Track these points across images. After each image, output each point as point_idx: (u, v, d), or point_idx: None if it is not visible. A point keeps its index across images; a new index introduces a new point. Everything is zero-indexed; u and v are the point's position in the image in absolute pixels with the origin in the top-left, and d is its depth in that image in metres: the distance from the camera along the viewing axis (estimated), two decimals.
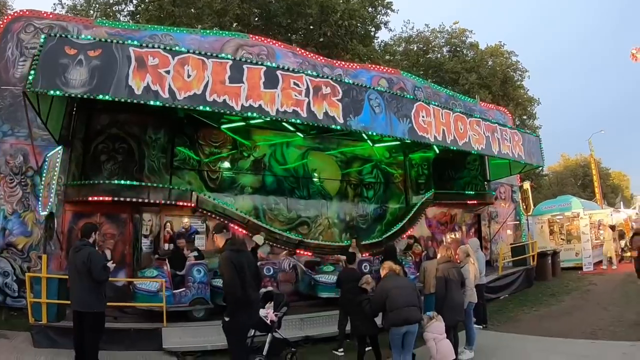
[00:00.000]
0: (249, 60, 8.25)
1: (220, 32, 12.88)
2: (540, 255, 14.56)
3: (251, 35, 12.13)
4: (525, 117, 29.73)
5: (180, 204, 9.74)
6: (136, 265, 9.59)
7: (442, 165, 14.89)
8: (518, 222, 17.00)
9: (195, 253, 8.85)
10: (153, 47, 7.40)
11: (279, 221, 11.58)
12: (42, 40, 6.94)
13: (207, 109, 7.53)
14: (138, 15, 19.21)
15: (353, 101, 8.87)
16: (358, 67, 13.54)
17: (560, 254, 16.16)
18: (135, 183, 9.54)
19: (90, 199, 9.08)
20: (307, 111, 8.23)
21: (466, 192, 14.47)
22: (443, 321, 6.17)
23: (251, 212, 11.25)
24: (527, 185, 15.46)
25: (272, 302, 7.17)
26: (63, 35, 7.30)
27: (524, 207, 15.10)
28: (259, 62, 8.33)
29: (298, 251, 10.42)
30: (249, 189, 11.55)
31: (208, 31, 12.19)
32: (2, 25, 9.59)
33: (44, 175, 7.89)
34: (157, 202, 9.50)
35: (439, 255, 7.15)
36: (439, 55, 29.11)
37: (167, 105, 7.33)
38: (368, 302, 6.40)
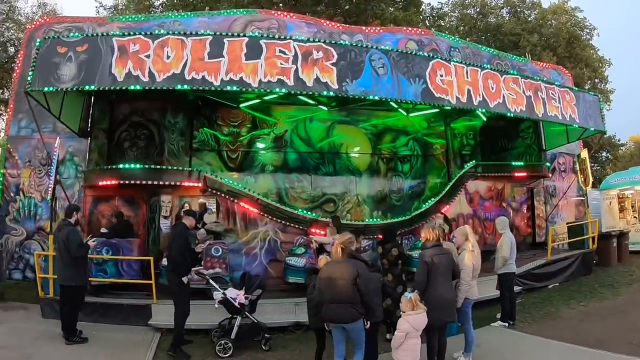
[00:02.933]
0: (230, 34, 7.94)
1: (228, 11, 12.61)
2: (603, 236, 12.42)
3: (260, 10, 11.77)
4: (596, 79, 26.26)
5: (187, 184, 9.70)
6: (152, 245, 9.96)
7: (494, 135, 13.32)
8: (582, 198, 14.49)
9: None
10: (134, 34, 7.59)
11: (302, 199, 11.14)
12: (38, 44, 7.62)
13: (185, 87, 7.55)
14: (167, 3, 19.62)
15: (351, 64, 8.11)
16: (382, 30, 12.48)
17: (630, 235, 13.61)
18: (144, 166, 9.76)
19: (100, 183, 9.52)
20: (295, 79, 7.74)
21: (513, 162, 12.68)
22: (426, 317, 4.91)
23: (272, 190, 11.00)
24: (584, 153, 13.03)
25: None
26: (55, 37, 7.83)
27: (582, 179, 12.83)
28: (242, 34, 7.98)
29: (313, 230, 9.84)
30: (270, 167, 11.25)
31: (215, 12, 12.07)
32: (27, 34, 10.56)
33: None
34: (167, 184, 9.59)
35: (422, 238, 5.71)
36: (498, 18, 26.67)
37: (146, 88, 7.47)
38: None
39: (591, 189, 17.62)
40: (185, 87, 7.49)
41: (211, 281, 7.11)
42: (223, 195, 9.95)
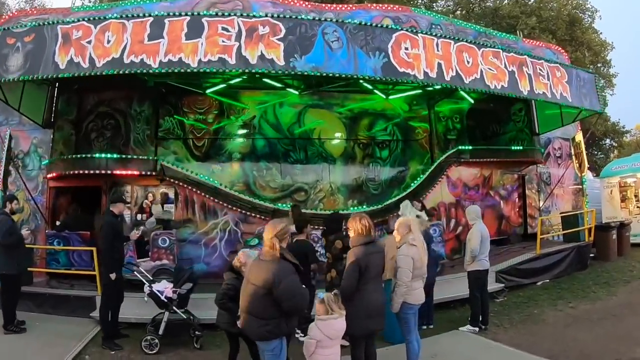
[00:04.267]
0: (172, 14, 7.45)
1: None
2: (600, 228, 11.43)
3: None
4: (599, 64, 24.80)
5: (145, 174, 9.31)
6: None
7: (485, 119, 12.49)
8: (580, 186, 13.35)
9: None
10: (78, 21, 7.31)
11: (271, 188, 10.54)
12: None
13: (125, 71, 7.13)
14: None
15: (300, 38, 7.42)
16: (355, 7, 11.76)
17: (632, 227, 12.58)
18: (100, 156, 9.40)
19: (60, 174, 9.29)
20: (237, 57, 7.14)
21: (501, 147, 11.70)
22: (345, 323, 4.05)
23: (240, 179, 10.48)
24: (579, 136, 11.96)
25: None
26: (4, 29, 7.63)
27: (577, 164, 11.79)
28: (185, 13, 7.47)
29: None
30: (237, 154, 10.68)
31: None
32: None
33: None
34: (124, 173, 9.26)
35: (351, 233, 4.54)
36: (496, 1, 25.41)
37: (86, 74, 7.13)
38: None
39: (593, 178, 16.51)
40: (125, 71, 7.08)
41: (137, 273, 6.69)
42: (181, 184, 9.46)
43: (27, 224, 9.45)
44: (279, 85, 10.28)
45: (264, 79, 9.79)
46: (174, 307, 6.21)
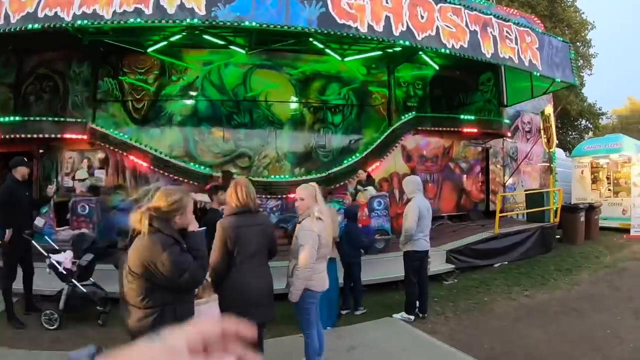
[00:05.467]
0: None
1: None
2: (568, 209, 10.78)
3: None
4: (578, 43, 23.86)
5: (74, 137, 8.76)
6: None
7: (451, 88, 11.81)
8: (549, 164, 12.70)
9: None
10: None
11: (213, 153, 9.89)
12: None
13: (37, 26, 6.67)
14: None
15: None
16: None
17: (602, 209, 11.99)
18: (23, 119, 8.83)
19: None
20: (154, 7, 6.54)
21: (462, 116, 10.92)
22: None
23: (179, 143, 9.84)
24: (549, 109, 11.20)
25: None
26: None
27: (545, 139, 11.10)
28: None
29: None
30: (178, 117, 10.00)
31: None
32: None
33: None
34: (51, 136, 8.71)
35: (224, 200, 4.01)
36: None
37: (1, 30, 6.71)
38: None
39: (565, 157, 15.88)
40: (37, 26, 6.61)
41: (34, 243, 6.11)
42: (111, 148, 8.87)
43: None
44: (221, 42, 9.56)
45: (205, 36, 9.13)
46: (73, 280, 5.68)
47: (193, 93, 10.19)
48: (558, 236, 10.65)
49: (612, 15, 74.75)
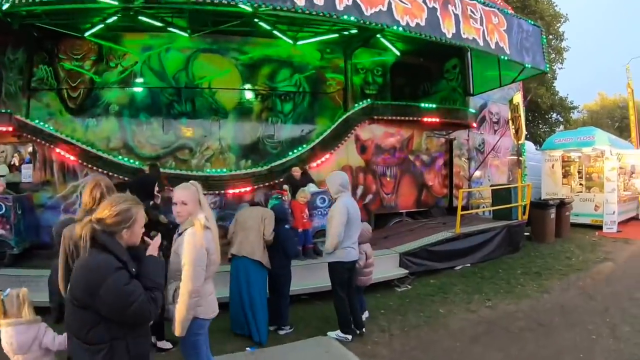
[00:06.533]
0: None
1: None
2: (537, 205, 10.15)
3: None
4: (550, 36, 23.18)
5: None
6: None
7: (414, 76, 11.10)
8: (518, 157, 11.91)
9: None
10: None
11: (151, 145, 9.26)
12: None
13: None
14: None
15: None
16: None
17: (573, 205, 11.43)
18: None
19: None
20: None
21: (422, 104, 10.12)
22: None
23: (116, 135, 9.22)
24: (517, 98, 10.35)
25: None
26: None
27: (514, 130, 10.32)
28: None
29: None
30: (115, 106, 9.35)
31: None
32: None
33: None
34: None
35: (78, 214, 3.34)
36: None
37: None
38: None
39: (536, 150, 15.18)
40: None
41: None
42: (38, 140, 8.23)
43: None
44: (159, 24, 8.89)
45: (141, 17, 8.47)
46: None
47: (134, 80, 9.52)
48: (527, 233, 9.98)
49: (586, 11, 74.53)
